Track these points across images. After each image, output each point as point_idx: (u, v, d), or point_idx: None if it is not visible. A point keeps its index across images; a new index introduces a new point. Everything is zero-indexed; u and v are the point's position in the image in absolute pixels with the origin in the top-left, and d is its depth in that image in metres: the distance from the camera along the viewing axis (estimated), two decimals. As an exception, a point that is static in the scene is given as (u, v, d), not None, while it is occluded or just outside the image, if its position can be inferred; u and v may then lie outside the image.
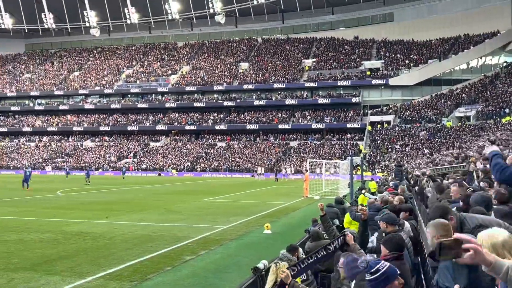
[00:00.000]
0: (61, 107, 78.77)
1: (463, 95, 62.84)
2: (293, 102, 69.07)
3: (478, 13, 69.51)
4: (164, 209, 21.07)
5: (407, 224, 5.98)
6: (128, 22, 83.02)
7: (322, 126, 65.95)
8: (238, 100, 71.65)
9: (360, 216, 9.29)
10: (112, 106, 76.53)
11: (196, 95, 75.13)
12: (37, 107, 79.45)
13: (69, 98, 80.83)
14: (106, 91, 77.95)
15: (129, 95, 78.18)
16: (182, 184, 41.14)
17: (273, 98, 70.73)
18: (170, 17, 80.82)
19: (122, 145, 72.83)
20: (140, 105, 75.43)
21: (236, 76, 75.49)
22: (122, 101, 77.13)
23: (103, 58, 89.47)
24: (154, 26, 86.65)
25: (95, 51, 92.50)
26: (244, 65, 78.09)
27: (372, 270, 2.98)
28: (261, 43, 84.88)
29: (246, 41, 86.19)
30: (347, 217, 10.25)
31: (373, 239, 6.01)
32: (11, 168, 67.20)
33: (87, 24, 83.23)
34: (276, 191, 33.56)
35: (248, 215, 18.88)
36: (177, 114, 74.24)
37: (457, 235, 2.22)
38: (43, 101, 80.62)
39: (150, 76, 79.79)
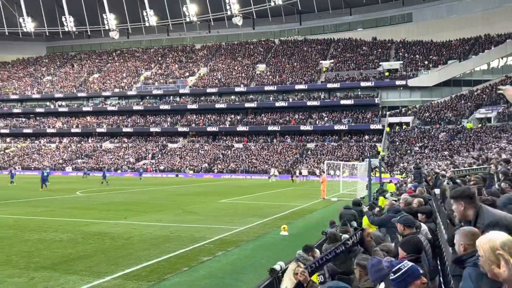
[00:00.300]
0: (82, 108, 79.90)
1: (484, 96, 61.85)
2: (314, 103, 68.68)
3: (499, 12, 68.42)
4: (181, 210, 21.19)
5: (424, 226, 5.90)
6: (147, 24, 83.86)
7: (341, 127, 65.60)
8: (256, 102, 71.71)
9: (373, 219, 9.20)
10: (132, 108, 77.31)
11: (214, 96, 75.46)
12: (58, 109, 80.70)
13: (89, 100, 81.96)
14: (127, 93, 78.82)
15: (148, 97, 78.90)
16: (199, 185, 41.34)
17: (291, 100, 70.60)
18: (188, 20, 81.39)
19: (140, 146, 73.53)
20: (159, 107, 76.06)
21: (253, 78, 75.61)
22: (141, 103, 77.88)
23: (122, 60, 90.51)
24: (172, 29, 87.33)
25: (114, 54, 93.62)
26: (261, 67, 78.17)
27: (394, 269, 2.99)
28: (278, 44, 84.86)
29: (263, 42, 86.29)
30: (365, 220, 10.19)
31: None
32: (32, 169, 68.35)
33: (107, 27, 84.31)
34: (293, 193, 33.48)
35: (265, 216, 18.88)
36: (195, 116, 74.67)
37: None
38: (63, 103, 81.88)
39: (168, 78, 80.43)
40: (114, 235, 13.95)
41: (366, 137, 64.48)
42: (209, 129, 71.62)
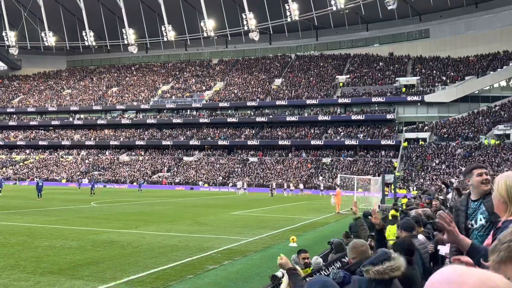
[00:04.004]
0: (99, 121, 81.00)
1: (502, 112, 61.02)
2: (330, 118, 68.50)
3: (518, 29, 67.72)
4: (192, 220, 21.22)
5: (421, 236, 5.80)
6: (165, 39, 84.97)
7: (356, 142, 65.25)
8: (271, 116, 71.87)
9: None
10: (148, 121, 78.17)
11: (229, 110, 75.89)
12: (76, 122, 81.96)
13: (107, 113, 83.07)
14: (142, 106, 79.76)
15: (164, 111, 79.68)
16: (212, 198, 41.36)
17: (306, 114, 70.61)
18: (205, 35, 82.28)
19: (156, 159, 74.06)
20: (174, 121, 76.72)
21: (269, 92, 75.88)
22: (158, 117, 78.66)
23: (140, 74, 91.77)
24: (190, 44, 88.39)
25: (133, 68, 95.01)
26: (278, 81, 78.46)
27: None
28: (295, 59, 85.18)
29: (279, 57, 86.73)
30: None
31: None
32: (50, 180, 69.22)
33: (126, 42, 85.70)
34: (306, 207, 33.28)
35: (275, 228, 18.79)
36: (210, 130, 75.08)
37: None
38: (82, 116, 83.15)
39: (185, 92, 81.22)
40: (123, 244, 14.02)
41: (383, 152, 63.94)
42: (220, 143, 71.89)
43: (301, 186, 56.42)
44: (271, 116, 71.85)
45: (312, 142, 67.19)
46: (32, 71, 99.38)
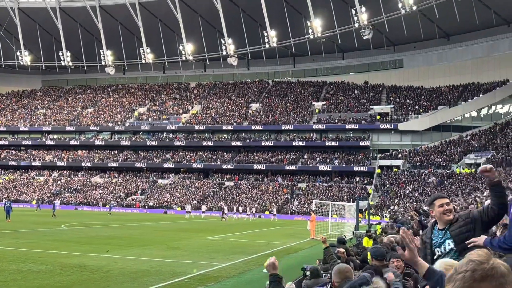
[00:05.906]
0: (72, 142, 79.70)
1: (473, 142, 62.65)
2: (305, 144, 69.16)
3: (487, 61, 70.21)
4: (165, 245, 20.92)
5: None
6: (143, 61, 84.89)
7: (331, 168, 65.82)
8: (248, 140, 72.08)
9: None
10: (122, 143, 77.30)
11: (206, 134, 75.80)
12: (48, 142, 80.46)
13: (81, 134, 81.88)
14: (117, 128, 78.95)
15: (140, 133, 79.04)
16: (187, 222, 40.88)
17: (282, 139, 71.08)
18: (184, 58, 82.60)
19: (130, 181, 73.06)
20: (150, 143, 76.11)
21: (246, 117, 76.26)
22: (133, 138, 77.93)
23: (117, 96, 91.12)
24: (168, 66, 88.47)
25: (109, 89, 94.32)
26: (255, 106, 79.00)
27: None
28: (272, 85, 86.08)
29: (257, 83, 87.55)
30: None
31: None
32: (21, 201, 67.45)
33: (103, 63, 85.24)
34: (281, 232, 33.19)
35: (249, 253, 18.67)
36: (186, 153, 74.70)
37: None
38: (55, 136, 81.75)
39: (162, 114, 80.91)
40: (93, 268, 13.71)
41: (357, 178, 64.60)
42: (196, 166, 71.52)
43: (253, 210, 56.42)
44: (247, 141, 72.13)
45: (288, 167, 67.51)
46: (6, 90, 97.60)
